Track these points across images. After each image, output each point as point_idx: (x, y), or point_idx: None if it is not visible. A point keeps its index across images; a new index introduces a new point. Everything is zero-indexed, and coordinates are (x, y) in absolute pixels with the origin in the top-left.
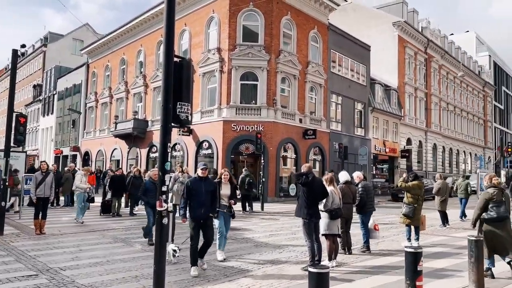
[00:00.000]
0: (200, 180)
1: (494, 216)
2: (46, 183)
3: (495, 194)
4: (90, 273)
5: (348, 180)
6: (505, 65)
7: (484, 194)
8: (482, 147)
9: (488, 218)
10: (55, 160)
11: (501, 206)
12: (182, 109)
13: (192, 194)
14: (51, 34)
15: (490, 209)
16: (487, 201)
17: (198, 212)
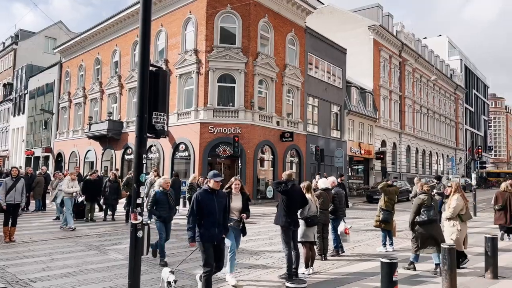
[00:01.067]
0: (212, 193)
1: (425, 219)
2: (17, 189)
3: (426, 199)
4: (62, 285)
5: (327, 187)
6: (476, 69)
7: (417, 199)
8: (454, 149)
9: (420, 221)
10: (26, 161)
11: (431, 210)
12: (158, 119)
13: (203, 211)
14: (22, 31)
15: (422, 213)
16: (420, 206)
17: (212, 232)
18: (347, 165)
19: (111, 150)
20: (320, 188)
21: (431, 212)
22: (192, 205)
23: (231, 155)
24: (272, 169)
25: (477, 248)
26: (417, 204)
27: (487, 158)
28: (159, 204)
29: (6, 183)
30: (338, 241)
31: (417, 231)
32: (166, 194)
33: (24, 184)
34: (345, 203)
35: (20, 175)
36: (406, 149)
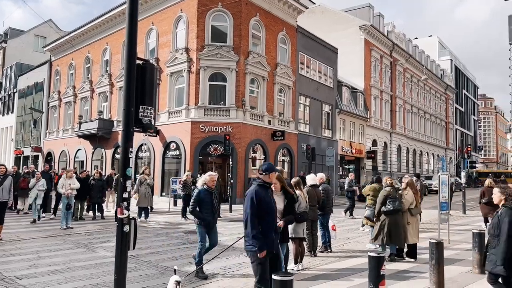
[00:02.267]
0: (268, 189)
1: (390, 208)
2: (4, 186)
3: (391, 191)
4: (48, 282)
5: (315, 184)
6: (466, 70)
7: (383, 191)
8: (444, 148)
9: (386, 211)
10: (15, 161)
11: (396, 201)
12: (145, 113)
13: (262, 212)
14: (11, 29)
15: (387, 203)
16: (386, 197)
17: (271, 238)
18: (338, 164)
19: (102, 149)
20: (308, 185)
21: (396, 202)
22: (252, 204)
23: (222, 154)
24: None
25: (465, 244)
26: (383, 195)
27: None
28: (202, 204)
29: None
30: (326, 237)
31: (384, 221)
32: (211, 194)
33: (12, 182)
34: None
35: (8, 173)
36: (397, 149)
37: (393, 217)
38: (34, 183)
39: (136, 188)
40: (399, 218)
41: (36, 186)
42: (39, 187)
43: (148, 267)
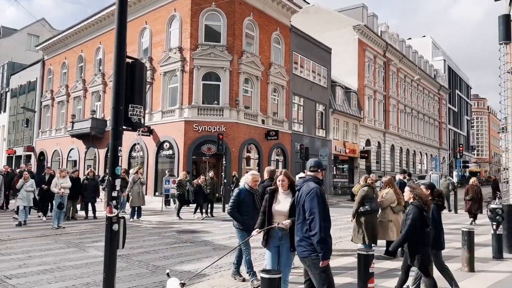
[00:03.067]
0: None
1: (368, 209)
2: None
3: (369, 191)
4: (38, 281)
5: None
6: (459, 70)
7: (361, 191)
8: (437, 148)
9: (363, 211)
10: (7, 161)
11: (373, 201)
12: (134, 112)
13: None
14: (4, 28)
15: (365, 203)
16: (363, 197)
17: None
18: (332, 164)
19: (95, 148)
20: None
21: (373, 203)
22: (319, 203)
23: (215, 153)
24: (258, 168)
25: (456, 243)
26: (361, 195)
27: (469, 157)
28: (242, 206)
29: None
30: None
31: (361, 220)
32: (253, 195)
33: (3, 182)
34: None
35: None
36: (390, 148)
37: (370, 217)
38: (22, 183)
39: (130, 187)
40: (375, 218)
41: (24, 186)
42: (27, 188)
43: (139, 266)
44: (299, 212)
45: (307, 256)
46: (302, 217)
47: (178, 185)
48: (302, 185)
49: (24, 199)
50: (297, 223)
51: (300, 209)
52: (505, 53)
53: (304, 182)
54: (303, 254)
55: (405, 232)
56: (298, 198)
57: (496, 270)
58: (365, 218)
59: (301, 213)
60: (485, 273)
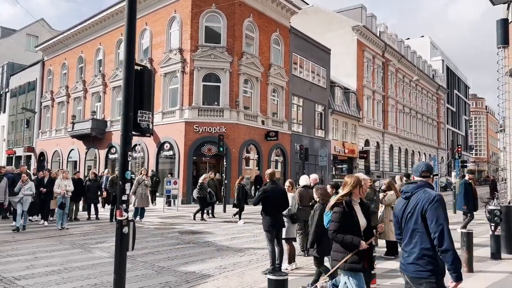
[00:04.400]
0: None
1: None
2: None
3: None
4: (46, 282)
5: (307, 185)
6: (457, 70)
7: None
8: (436, 148)
9: None
10: (7, 161)
11: (372, 203)
12: (143, 117)
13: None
14: (3, 29)
15: None
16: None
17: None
18: (331, 164)
19: (95, 149)
20: (300, 186)
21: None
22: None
23: (216, 154)
24: (257, 168)
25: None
26: None
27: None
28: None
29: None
30: None
31: None
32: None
33: (7, 183)
34: None
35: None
36: (389, 148)
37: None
38: (20, 186)
39: (134, 189)
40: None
41: (22, 189)
42: (26, 191)
43: (144, 267)
44: (410, 224)
45: (424, 278)
46: (419, 231)
47: (200, 187)
48: (413, 192)
49: (22, 202)
50: (409, 237)
51: (414, 220)
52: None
53: (417, 188)
54: (420, 274)
55: (314, 227)
56: (412, 208)
57: (494, 271)
58: None
59: (414, 225)
60: (484, 273)
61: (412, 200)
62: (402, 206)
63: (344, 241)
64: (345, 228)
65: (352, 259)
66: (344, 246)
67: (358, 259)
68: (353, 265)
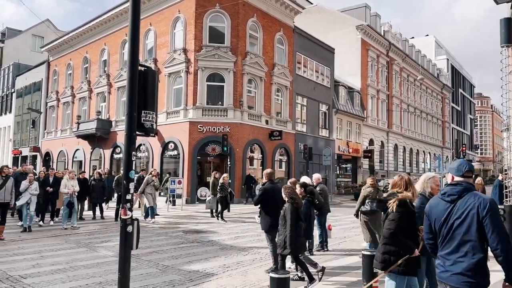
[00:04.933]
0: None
1: (368, 209)
2: (6, 188)
3: (371, 192)
4: (52, 281)
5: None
6: (462, 69)
7: (363, 191)
8: (441, 147)
9: (364, 211)
10: (13, 161)
11: (374, 202)
12: (147, 118)
13: None
14: (9, 29)
15: (366, 203)
16: (365, 197)
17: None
18: (335, 164)
19: (100, 149)
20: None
21: (374, 204)
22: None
23: (220, 154)
24: (261, 168)
25: None
26: (363, 195)
27: (473, 156)
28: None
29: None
30: (324, 237)
31: (363, 220)
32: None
33: (13, 183)
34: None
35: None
36: (393, 148)
37: (372, 217)
38: (26, 185)
39: (142, 188)
40: (376, 219)
41: (28, 189)
42: (32, 191)
43: (148, 266)
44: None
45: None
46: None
47: (221, 187)
48: (461, 195)
49: (30, 203)
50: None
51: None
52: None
53: (465, 191)
54: (468, 285)
55: (290, 227)
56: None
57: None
58: (366, 218)
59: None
60: None
61: (460, 204)
62: (445, 209)
63: (403, 244)
64: (404, 230)
65: (405, 262)
66: (401, 249)
67: (412, 263)
68: (407, 269)
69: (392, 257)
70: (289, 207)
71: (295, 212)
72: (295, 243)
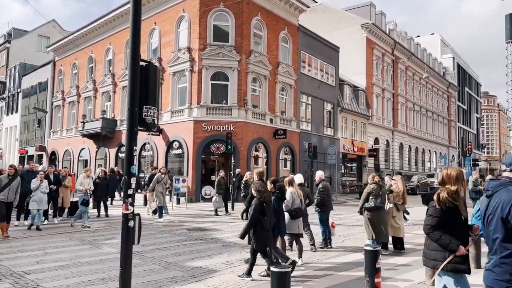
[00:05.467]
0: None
1: (372, 205)
2: (12, 187)
3: (375, 188)
4: (55, 277)
5: (302, 183)
6: (468, 67)
7: (367, 188)
8: (447, 146)
9: (368, 207)
10: (19, 160)
11: (378, 198)
12: (149, 113)
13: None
14: (15, 30)
15: (370, 200)
16: (369, 194)
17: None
18: (340, 163)
19: (105, 148)
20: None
21: (378, 200)
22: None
23: (224, 152)
24: (266, 167)
25: None
26: (366, 192)
27: (479, 155)
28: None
29: (1, 180)
30: (326, 234)
31: (367, 216)
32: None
33: (20, 183)
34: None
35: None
36: (399, 147)
37: (375, 213)
38: (37, 184)
39: (153, 186)
40: (380, 215)
41: (39, 187)
42: (43, 189)
43: (152, 263)
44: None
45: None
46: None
47: (245, 185)
48: (495, 190)
49: (38, 201)
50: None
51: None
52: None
53: (500, 186)
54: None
55: (249, 220)
56: (492, 209)
57: None
58: (370, 214)
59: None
60: None
61: (492, 200)
62: (484, 206)
63: (440, 240)
64: (445, 226)
65: (455, 259)
66: (441, 246)
67: (463, 259)
68: (458, 265)
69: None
70: (255, 202)
71: (259, 207)
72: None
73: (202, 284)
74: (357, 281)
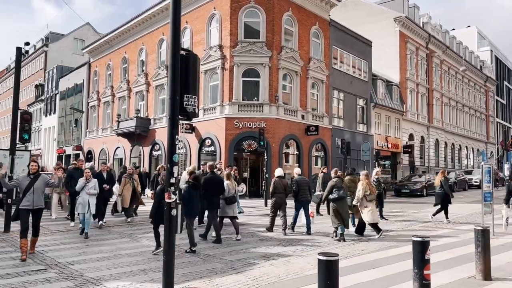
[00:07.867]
0: None
1: (336, 196)
2: (35, 189)
3: (337, 181)
4: (98, 267)
5: (281, 175)
6: (507, 60)
7: (331, 182)
8: (485, 142)
9: (332, 198)
10: (57, 160)
11: (340, 190)
12: (189, 102)
13: None
14: (52, 33)
15: (333, 192)
16: (333, 187)
17: None
18: (374, 159)
19: (140, 146)
20: (276, 176)
21: (341, 191)
22: None
23: (256, 149)
24: (298, 164)
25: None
26: (330, 185)
27: None
28: None
29: (20, 182)
30: (295, 219)
31: (332, 207)
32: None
33: (45, 183)
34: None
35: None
36: (434, 143)
37: (338, 203)
38: (83, 183)
39: None
40: (343, 204)
41: (85, 188)
42: (90, 190)
43: (191, 255)
44: None
45: None
46: None
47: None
48: None
49: (83, 204)
50: None
51: None
52: None
53: None
54: None
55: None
56: None
57: None
58: (334, 205)
59: None
60: (505, 282)
61: None
62: None
63: None
64: None
65: None
66: None
67: None
68: None
69: None
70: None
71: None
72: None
73: (243, 275)
74: (406, 273)
